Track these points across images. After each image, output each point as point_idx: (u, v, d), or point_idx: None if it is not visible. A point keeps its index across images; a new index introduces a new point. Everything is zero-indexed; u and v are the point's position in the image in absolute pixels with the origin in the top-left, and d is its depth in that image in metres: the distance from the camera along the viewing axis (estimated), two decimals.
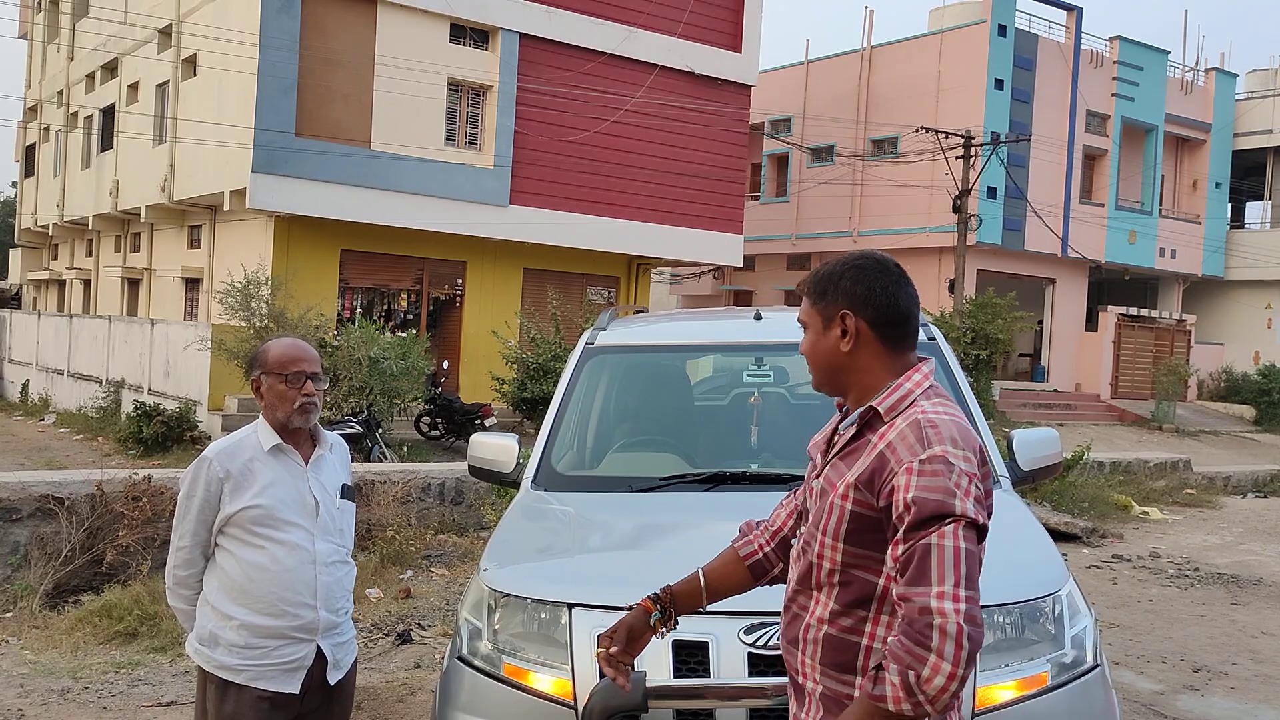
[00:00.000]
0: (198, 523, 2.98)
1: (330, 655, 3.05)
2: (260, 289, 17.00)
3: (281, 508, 2.98)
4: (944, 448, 1.97)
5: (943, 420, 2.03)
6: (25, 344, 29.06)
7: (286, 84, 19.89)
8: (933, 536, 1.91)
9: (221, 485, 2.96)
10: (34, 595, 7.04)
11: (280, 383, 3.01)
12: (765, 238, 33.30)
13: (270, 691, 2.96)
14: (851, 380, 2.18)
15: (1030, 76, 30.38)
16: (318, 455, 3.11)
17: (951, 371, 4.51)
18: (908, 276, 2.22)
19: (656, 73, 23.99)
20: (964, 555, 1.91)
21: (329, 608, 3.04)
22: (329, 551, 3.05)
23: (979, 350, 24.35)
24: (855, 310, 2.15)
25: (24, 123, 36.81)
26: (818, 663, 2.11)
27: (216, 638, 2.98)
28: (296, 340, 3.14)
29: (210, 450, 3.04)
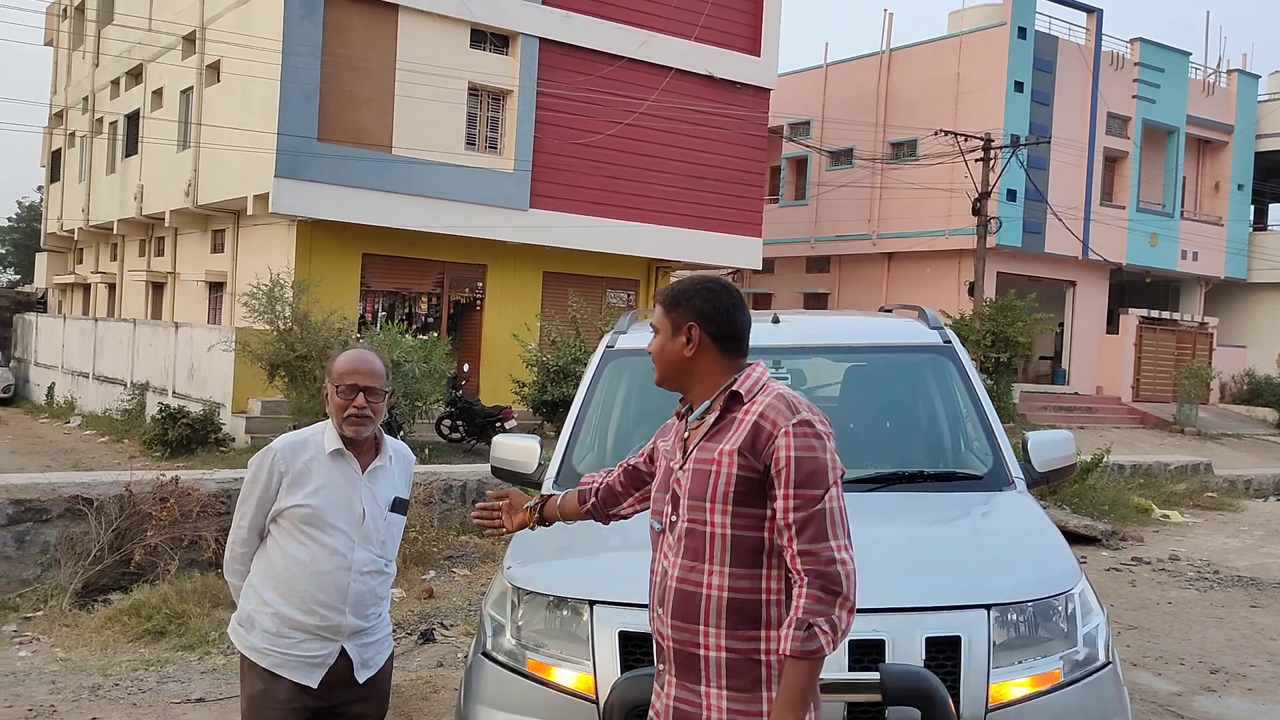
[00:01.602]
0: (257, 508, 3.10)
1: (356, 656, 3.13)
2: (283, 292, 17.14)
3: (329, 511, 3.06)
4: (809, 414, 2.38)
5: (798, 396, 2.44)
6: (51, 347, 29.38)
7: (309, 89, 20.07)
8: (825, 501, 2.31)
9: (281, 478, 3.07)
10: (64, 594, 7.16)
11: (335, 393, 3.09)
12: (784, 241, 33.29)
13: (292, 680, 3.07)
14: (692, 380, 2.53)
15: (1050, 79, 30.28)
16: (376, 465, 3.16)
17: (967, 374, 4.56)
18: (744, 301, 2.59)
19: (675, 76, 24.07)
20: (844, 513, 2.34)
21: (358, 613, 3.11)
22: (367, 561, 3.12)
23: (999, 353, 24.27)
24: (700, 324, 2.49)
25: (50, 128, 37.20)
26: (724, 629, 2.37)
27: (253, 621, 3.11)
28: (360, 352, 3.19)
29: (277, 443, 3.15)
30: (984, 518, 3.91)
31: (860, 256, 32.88)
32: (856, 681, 2.92)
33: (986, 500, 4.00)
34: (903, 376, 4.80)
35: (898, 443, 4.57)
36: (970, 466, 4.32)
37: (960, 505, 3.97)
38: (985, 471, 4.18)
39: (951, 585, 3.22)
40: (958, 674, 3.02)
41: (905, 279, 31.48)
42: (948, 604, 3.11)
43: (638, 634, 3.07)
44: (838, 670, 2.95)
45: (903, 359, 4.81)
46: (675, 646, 2.43)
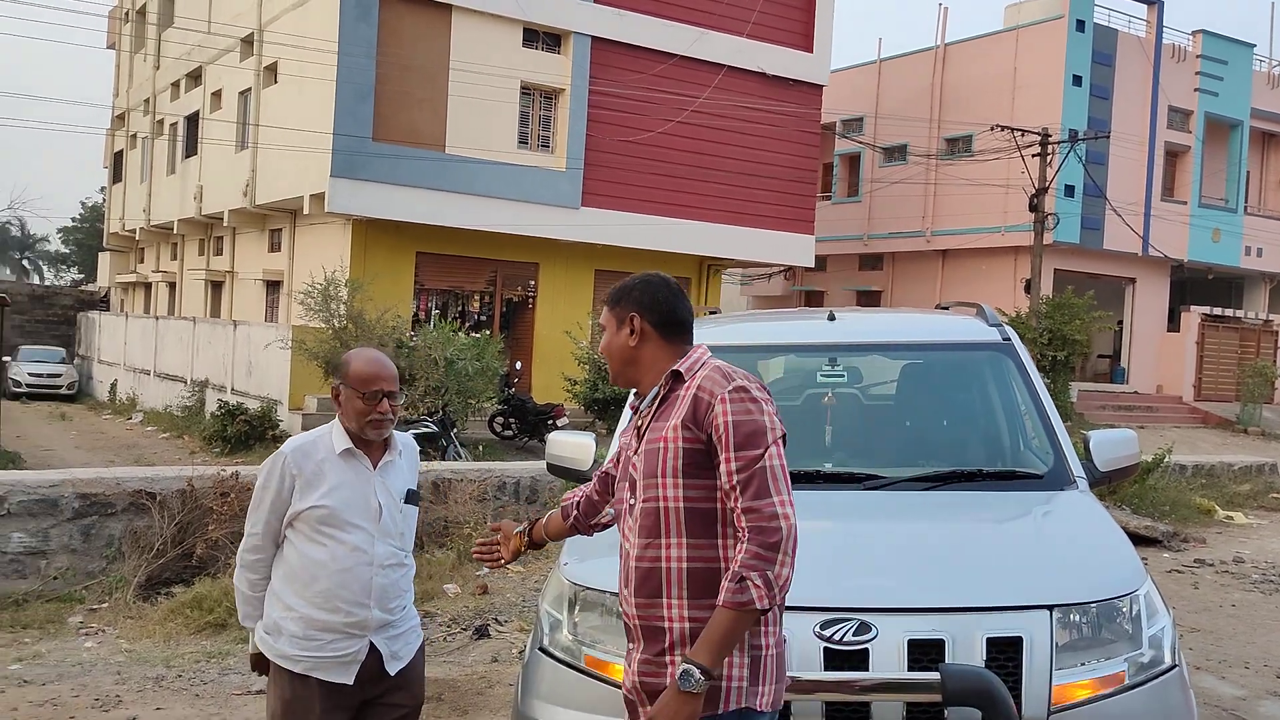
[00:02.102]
0: (270, 513, 3.10)
1: (386, 649, 3.14)
2: (339, 291, 17.37)
3: (346, 510, 3.08)
4: (744, 381, 2.46)
5: (725, 365, 2.54)
6: (114, 345, 30.02)
7: (364, 90, 20.30)
8: (765, 459, 2.38)
9: (294, 481, 3.07)
10: (128, 587, 7.31)
11: (358, 398, 3.09)
12: (837, 238, 33.07)
13: (326, 681, 3.08)
14: (640, 370, 2.64)
15: (1109, 72, 29.76)
16: (387, 460, 3.19)
17: (1027, 372, 4.50)
18: (684, 292, 2.71)
19: (727, 73, 24.01)
20: (785, 471, 2.41)
21: (383, 607, 3.12)
22: (387, 554, 3.13)
23: (1056, 351, 23.93)
24: (641, 314, 2.62)
25: (112, 130, 38.02)
26: (686, 599, 2.44)
27: (280, 627, 3.11)
28: (378, 356, 3.20)
29: (286, 447, 3.15)
30: (1045, 517, 3.85)
31: (914, 254, 32.57)
32: (916, 681, 2.89)
33: (1048, 500, 3.94)
34: (961, 374, 4.74)
35: (955, 441, 4.52)
36: (1030, 465, 4.26)
37: (1021, 504, 3.91)
38: (1046, 471, 4.12)
39: (1013, 585, 3.18)
40: (1019, 675, 2.97)
41: (960, 276, 31.13)
42: (1009, 604, 3.07)
43: None
44: (897, 670, 2.93)
45: (961, 356, 4.76)
46: (641, 623, 2.51)
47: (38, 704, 5.32)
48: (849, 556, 3.41)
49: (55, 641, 6.54)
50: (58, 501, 7.47)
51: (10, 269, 66.14)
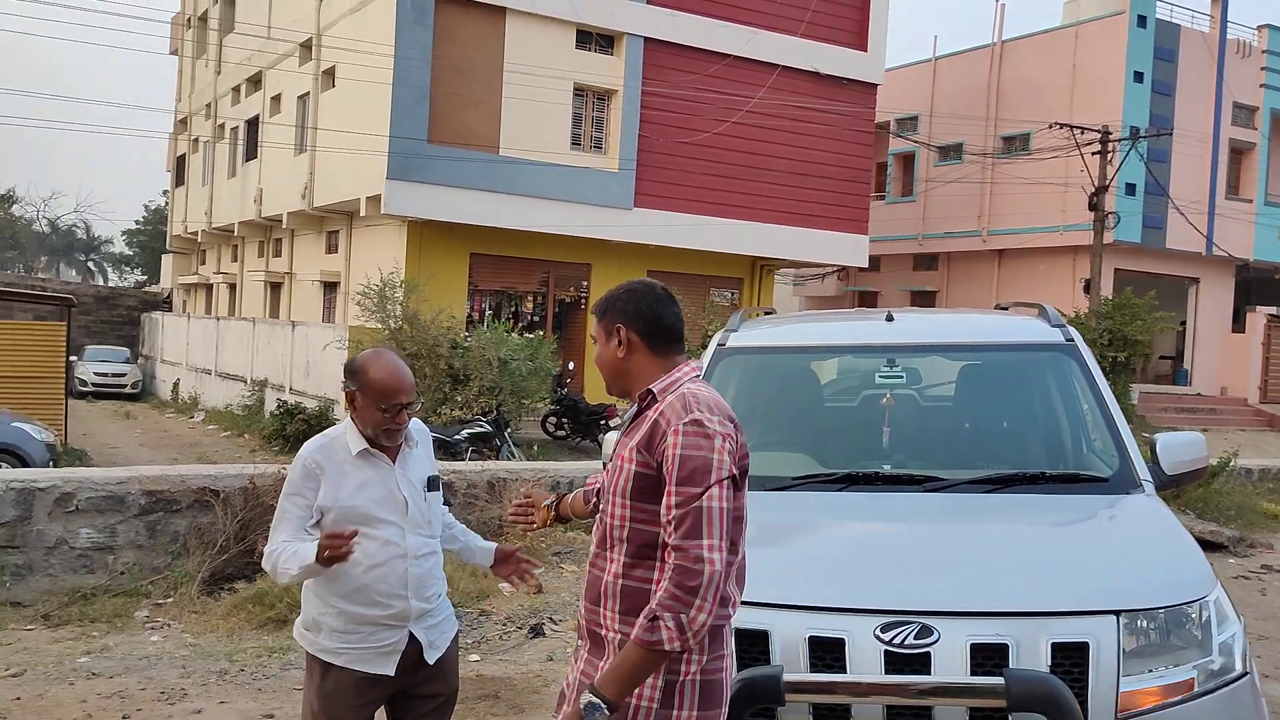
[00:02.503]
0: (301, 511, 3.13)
1: (424, 638, 3.18)
2: (395, 292, 17.55)
3: (374, 507, 3.12)
4: (701, 413, 2.40)
5: (702, 394, 2.47)
6: (176, 345, 30.61)
7: (420, 93, 20.51)
8: (703, 500, 2.34)
9: (319, 478, 3.12)
10: (192, 582, 7.45)
11: (377, 410, 3.10)
12: (891, 238, 32.78)
13: (368, 672, 3.13)
14: (629, 380, 2.62)
15: (1172, 68, 29.19)
16: (404, 452, 3.22)
17: (1091, 374, 4.43)
18: (673, 298, 2.67)
19: (780, 73, 23.91)
20: (724, 514, 2.36)
21: (420, 597, 3.16)
22: (419, 545, 3.17)
23: (1116, 352, 23.52)
24: (627, 324, 2.59)
25: (175, 135, 38.78)
26: (617, 613, 2.48)
27: (319, 623, 3.16)
28: (396, 368, 3.17)
29: (305, 449, 3.19)
30: (1112, 521, 3.78)
31: (970, 254, 32.19)
32: (979, 686, 2.86)
33: (1114, 503, 3.87)
34: (1022, 375, 4.68)
35: (1017, 443, 4.47)
36: (1094, 468, 4.20)
37: (1086, 508, 3.85)
38: (1111, 474, 4.06)
39: (1079, 589, 3.13)
40: (1085, 681, 2.93)
41: (1017, 276, 30.70)
42: (1075, 609, 3.03)
43: (753, 632, 3.07)
44: (959, 674, 2.90)
45: (1022, 357, 4.70)
46: (587, 625, 2.58)
47: (106, 696, 5.44)
48: (910, 559, 3.39)
49: (122, 635, 6.68)
50: (124, 498, 7.63)
51: (76, 271, 67.75)
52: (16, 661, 6.04)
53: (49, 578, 7.37)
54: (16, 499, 7.30)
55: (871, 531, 3.73)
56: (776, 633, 3.05)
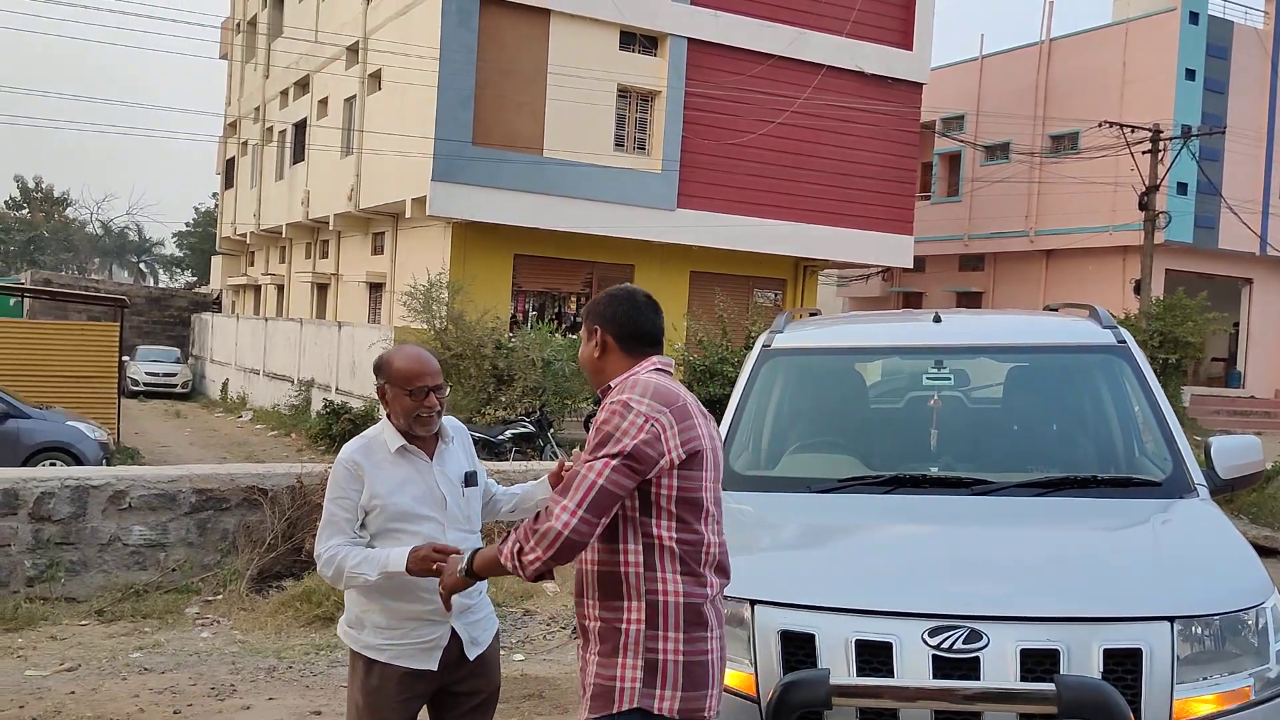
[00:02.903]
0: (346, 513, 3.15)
1: (465, 634, 3.20)
2: (440, 293, 17.68)
3: (414, 504, 3.14)
4: (630, 395, 2.54)
5: (643, 379, 2.61)
6: (225, 345, 31.05)
7: (464, 95, 20.64)
8: (589, 468, 2.47)
9: (360, 479, 3.14)
10: (241, 579, 7.54)
11: (404, 396, 3.15)
12: (936, 238, 32.51)
13: (411, 668, 3.15)
14: (604, 378, 2.76)
15: (1225, 65, 28.70)
16: (441, 449, 3.24)
17: (1143, 376, 4.36)
18: (653, 304, 2.81)
19: (825, 73, 23.79)
20: (597, 488, 2.45)
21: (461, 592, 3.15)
22: (459, 540, 3.16)
23: (1167, 354, 23.16)
24: (603, 327, 2.75)
25: (224, 138, 39.33)
26: (597, 600, 2.60)
27: (362, 621, 3.18)
28: (419, 353, 3.25)
29: (345, 451, 3.23)
30: (1165, 525, 3.72)
31: (1016, 254, 31.84)
32: (1030, 692, 2.82)
33: (1167, 508, 3.81)
34: (1072, 378, 4.61)
35: (1067, 446, 4.41)
36: (1147, 472, 4.13)
37: (1139, 512, 3.79)
38: (1164, 477, 3.99)
39: (1132, 595, 3.08)
40: (1138, 689, 2.89)
41: (1065, 277, 30.32)
42: (1128, 615, 2.98)
43: (799, 634, 3.06)
44: (1009, 680, 2.87)
45: (1073, 359, 4.63)
46: (579, 620, 2.70)
47: (157, 691, 5.53)
48: (958, 563, 3.35)
49: (173, 631, 6.79)
50: (175, 496, 7.75)
51: (128, 272, 68.97)
52: (71, 656, 6.15)
53: (103, 574, 7.50)
54: (71, 496, 7.43)
55: (919, 534, 3.70)
56: (823, 635, 3.03)
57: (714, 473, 2.64)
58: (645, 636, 2.51)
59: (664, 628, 2.51)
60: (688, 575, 2.53)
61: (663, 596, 2.52)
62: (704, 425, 2.62)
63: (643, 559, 2.53)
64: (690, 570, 2.54)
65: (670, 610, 2.52)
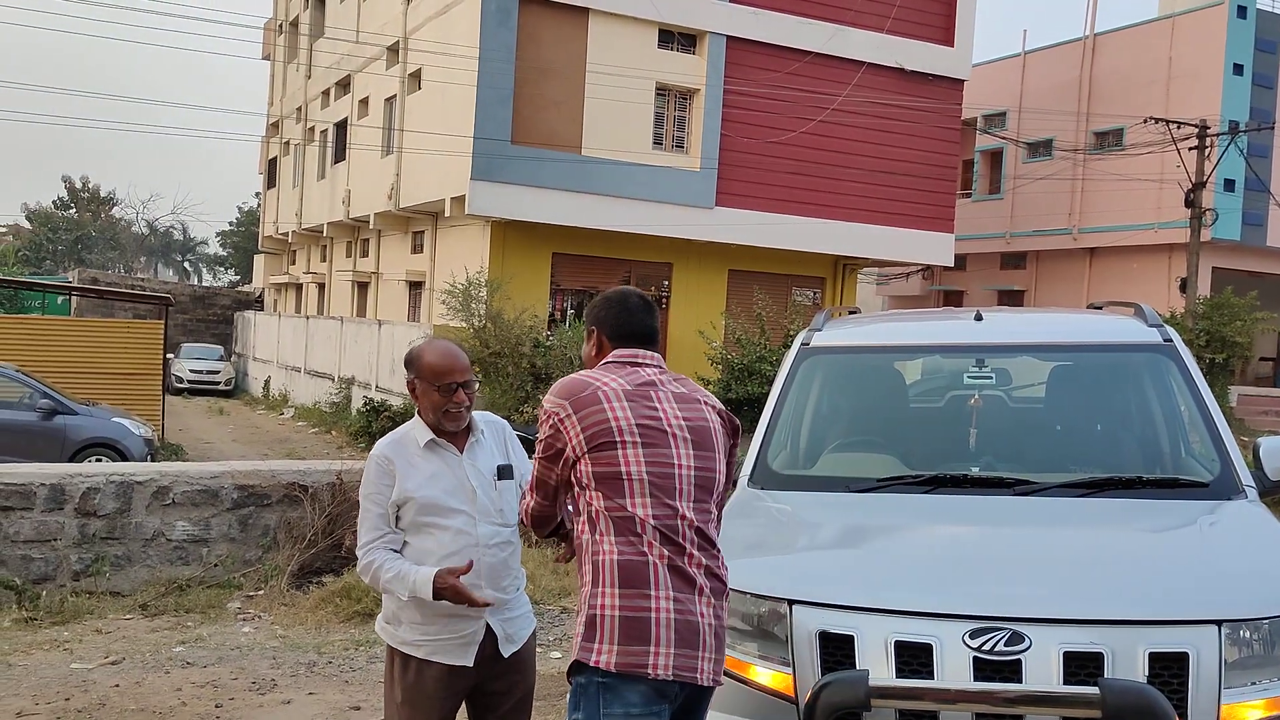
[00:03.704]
0: (380, 508, 3.16)
1: (500, 630, 3.20)
2: (479, 291, 17.75)
3: (444, 497, 3.15)
4: (549, 395, 2.83)
5: (570, 376, 2.86)
6: (267, 343, 31.38)
7: (503, 94, 20.71)
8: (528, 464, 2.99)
9: (393, 474, 3.14)
10: (282, 575, 7.62)
11: (434, 391, 3.15)
12: (977, 236, 32.20)
13: (447, 664, 3.15)
14: None
15: (1273, 60, 28.17)
16: (471, 443, 3.24)
17: (1190, 375, 4.28)
18: (645, 303, 2.99)
19: (865, 70, 23.63)
20: (535, 474, 2.89)
21: (495, 585, 3.17)
22: (490, 534, 3.18)
23: (1214, 354, 22.80)
24: (598, 327, 2.96)
25: (267, 138, 39.76)
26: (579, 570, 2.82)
27: (399, 617, 3.19)
28: (449, 348, 3.23)
29: (377, 447, 3.24)
30: (1212, 527, 3.65)
31: (1059, 252, 31.46)
32: (1073, 695, 2.78)
33: (1214, 509, 3.73)
34: (1117, 377, 4.54)
35: (1111, 446, 4.34)
36: (1194, 473, 4.05)
37: (1186, 513, 3.72)
38: (1212, 479, 3.91)
39: (1178, 598, 3.02)
40: (1184, 693, 2.83)
41: (1109, 275, 29.92)
42: (1174, 618, 2.92)
43: (838, 635, 3.03)
44: (1052, 683, 2.83)
45: (1118, 358, 4.56)
46: None
47: (199, 685, 5.59)
48: (1000, 564, 3.30)
49: (215, 626, 6.87)
50: (218, 492, 7.84)
51: (173, 271, 69.92)
52: (115, 650, 6.24)
53: (146, 569, 7.60)
54: (116, 492, 7.54)
55: (960, 535, 3.65)
56: (862, 636, 3.01)
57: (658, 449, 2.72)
58: (590, 595, 2.67)
59: (601, 584, 2.65)
60: (622, 538, 2.66)
61: (600, 556, 2.67)
62: (624, 408, 2.73)
63: (588, 527, 2.72)
64: (625, 534, 2.66)
65: (606, 568, 2.65)
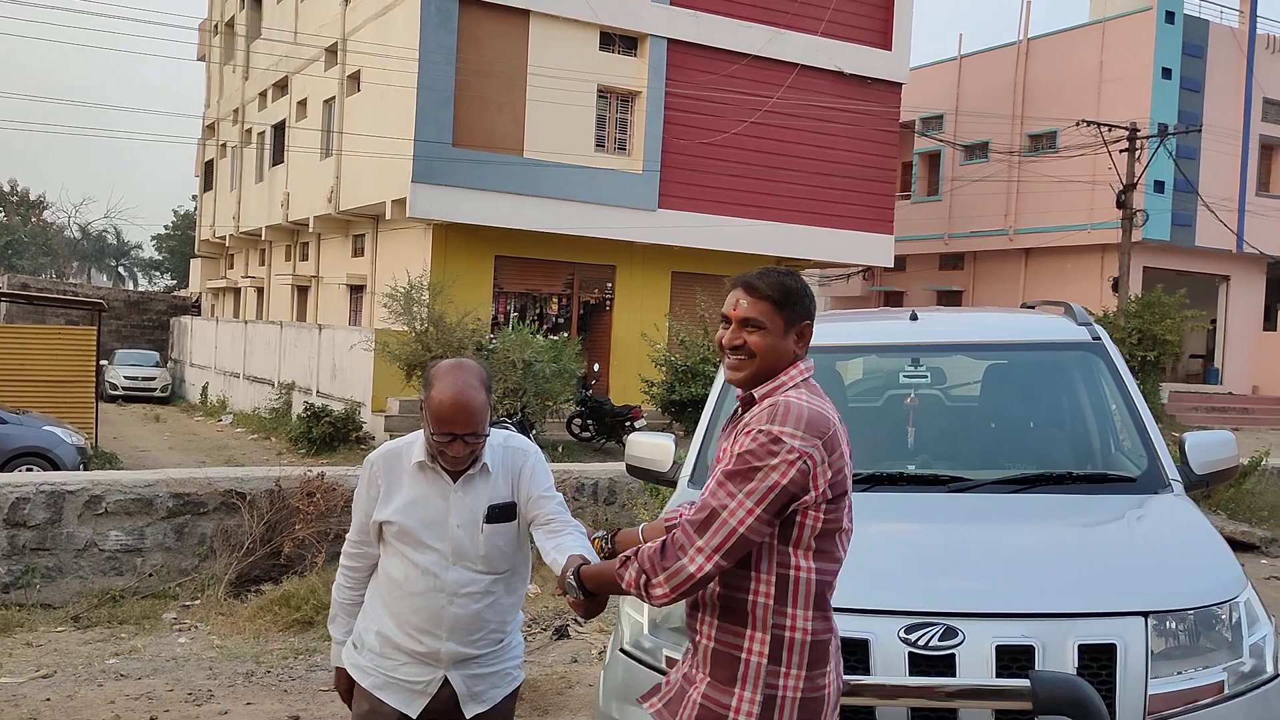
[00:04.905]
0: (363, 517, 2.94)
1: (463, 687, 2.87)
2: (421, 294, 17.62)
3: (419, 528, 2.83)
4: (783, 429, 2.29)
5: (794, 405, 2.34)
6: (205, 349, 30.87)
7: (444, 96, 20.59)
8: (726, 508, 2.27)
9: (379, 488, 2.89)
10: (219, 584, 7.50)
11: (429, 429, 2.78)
12: (916, 237, 32.63)
13: (387, 704, 2.88)
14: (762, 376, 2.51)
15: (1201, 64, 28.90)
16: (471, 473, 2.85)
17: (1118, 373, 4.38)
18: None
19: (804, 73, 23.86)
20: (737, 536, 2.27)
21: (461, 640, 2.85)
22: (463, 580, 2.83)
23: (1145, 351, 23.31)
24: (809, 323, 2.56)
25: (203, 140, 39.12)
26: (714, 620, 2.42)
27: (362, 639, 2.96)
28: (461, 393, 2.75)
29: (374, 454, 2.98)
30: (1140, 521, 3.74)
31: (996, 253, 31.99)
32: (1005, 688, 2.83)
33: (1142, 503, 3.83)
34: (1048, 375, 4.64)
35: (1043, 443, 4.42)
36: (1122, 468, 4.15)
37: (1114, 508, 3.81)
38: (1139, 474, 4.01)
39: (1106, 591, 3.09)
40: (1113, 684, 2.90)
41: (1044, 275, 30.49)
42: (1102, 610, 2.99)
43: None
44: (985, 676, 2.87)
45: (1048, 357, 4.65)
46: (686, 629, 2.55)
47: (134, 697, 5.48)
48: (935, 560, 3.35)
49: (150, 637, 6.73)
50: (153, 501, 7.69)
51: (107, 276, 68.50)
52: (47, 663, 6.09)
53: (79, 580, 7.43)
54: (47, 502, 7.37)
55: (896, 532, 3.70)
56: None
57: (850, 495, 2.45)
58: (767, 671, 2.33)
59: (788, 664, 2.33)
60: (818, 612, 2.37)
61: (790, 632, 2.34)
62: (848, 448, 2.43)
63: (774, 590, 2.34)
64: (821, 605, 2.38)
65: (797, 647, 2.34)
